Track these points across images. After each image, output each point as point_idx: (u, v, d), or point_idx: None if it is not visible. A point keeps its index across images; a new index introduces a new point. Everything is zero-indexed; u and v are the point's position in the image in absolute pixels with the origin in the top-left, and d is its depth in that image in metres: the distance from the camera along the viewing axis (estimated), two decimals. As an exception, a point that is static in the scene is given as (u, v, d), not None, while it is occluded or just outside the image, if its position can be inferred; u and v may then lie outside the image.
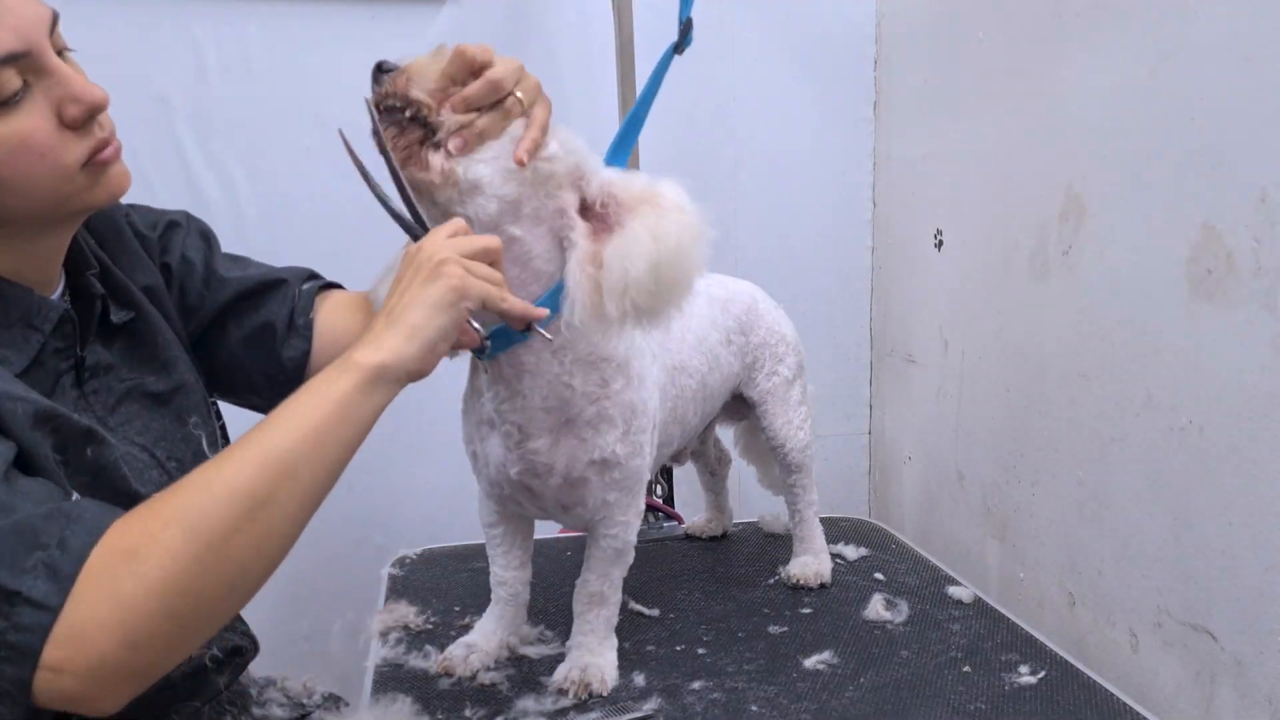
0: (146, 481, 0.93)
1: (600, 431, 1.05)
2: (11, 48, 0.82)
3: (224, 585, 0.77)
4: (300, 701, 1.18)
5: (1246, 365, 1.07)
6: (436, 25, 1.73)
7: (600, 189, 0.98)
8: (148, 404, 1.00)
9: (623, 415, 1.05)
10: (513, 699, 1.08)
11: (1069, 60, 1.34)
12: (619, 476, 1.07)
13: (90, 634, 0.71)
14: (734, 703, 1.07)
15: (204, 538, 0.75)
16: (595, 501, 1.08)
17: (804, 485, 1.39)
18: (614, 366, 1.04)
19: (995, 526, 1.58)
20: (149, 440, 0.98)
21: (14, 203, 0.85)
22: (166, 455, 1.00)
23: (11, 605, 0.70)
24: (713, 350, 1.25)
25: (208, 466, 0.79)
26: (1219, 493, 1.12)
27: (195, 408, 1.05)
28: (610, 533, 1.11)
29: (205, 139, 1.68)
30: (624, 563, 1.14)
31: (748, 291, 1.36)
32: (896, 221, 1.89)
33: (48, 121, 0.85)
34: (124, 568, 0.73)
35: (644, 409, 1.07)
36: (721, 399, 1.33)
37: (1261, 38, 1.03)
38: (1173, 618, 1.20)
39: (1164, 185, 1.17)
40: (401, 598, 1.35)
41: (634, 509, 1.12)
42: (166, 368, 1.03)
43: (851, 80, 1.92)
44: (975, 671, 1.13)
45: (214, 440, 1.06)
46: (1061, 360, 1.38)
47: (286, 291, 1.15)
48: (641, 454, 1.08)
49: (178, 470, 0.99)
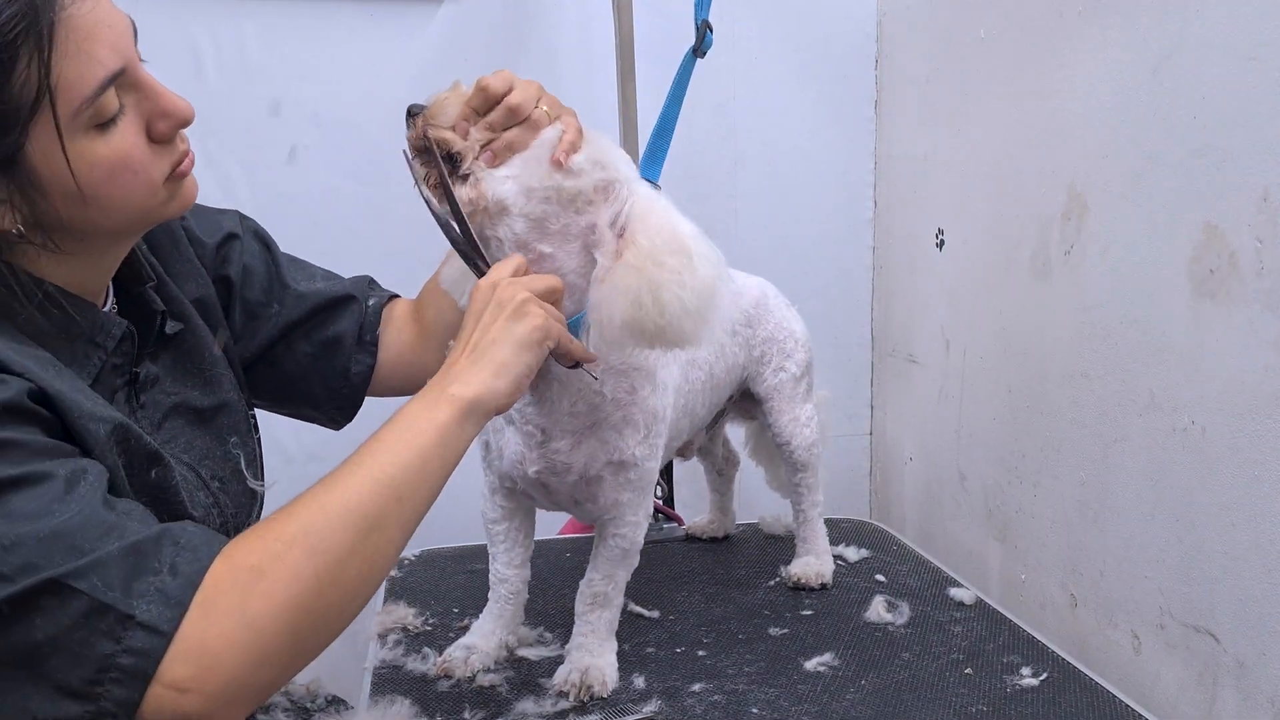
0: (196, 504, 0.93)
1: (623, 435, 1.06)
2: (114, 66, 0.79)
3: (340, 604, 0.79)
4: (304, 705, 1.17)
5: (1249, 365, 1.06)
6: (436, 24, 1.73)
7: (622, 214, 0.97)
8: (191, 420, 0.99)
9: (645, 420, 1.07)
10: (512, 701, 1.08)
11: (1071, 59, 1.33)
12: (634, 477, 1.08)
13: (219, 652, 0.72)
14: (734, 705, 1.07)
15: (325, 557, 0.77)
16: (607, 500, 1.09)
17: (809, 485, 1.39)
18: (643, 374, 1.06)
19: (997, 528, 1.58)
20: (194, 458, 0.98)
21: (103, 220, 0.83)
22: (210, 475, 0.99)
23: (125, 629, 0.70)
24: (718, 340, 1.25)
25: (319, 489, 0.81)
26: (1221, 493, 1.11)
27: (236, 427, 1.04)
28: (620, 532, 1.11)
29: (203, 138, 1.66)
30: (629, 564, 1.14)
31: (758, 286, 1.36)
32: (898, 221, 1.88)
33: (140, 138, 0.83)
34: (251, 586, 0.73)
35: (663, 414, 1.09)
36: (727, 390, 1.33)
37: (1264, 37, 1.03)
38: (1175, 619, 1.19)
39: (1166, 185, 1.17)
40: (400, 599, 1.35)
41: (644, 509, 1.13)
42: (211, 384, 1.02)
43: (852, 79, 1.91)
44: (977, 673, 1.13)
45: (252, 460, 1.06)
46: (1063, 360, 1.37)
47: (356, 306, 1.16)
48: (656, 456, 1.10)
49: (220, 490, 0.99)
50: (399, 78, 1.72)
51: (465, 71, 1.81)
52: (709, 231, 1.88)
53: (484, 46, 1.74)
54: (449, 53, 1.73)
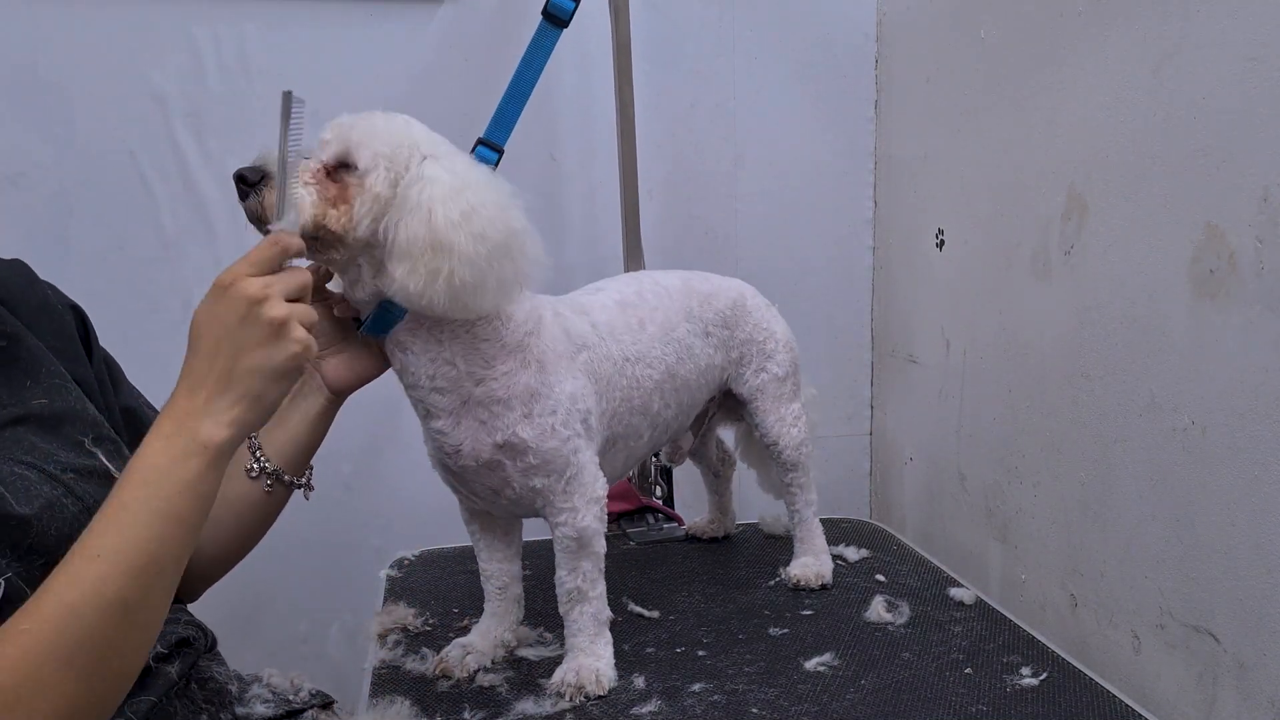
0: (34, 498, 0.88)
1: (495, 414, 1.05)
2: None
3: (114, 689, 0.76)
4: (287, 698, 1.16)
5: (1249, 365, 1.06)
6: (436, 24, 1.73)
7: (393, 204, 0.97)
8: (33, 427, 0.94)
9: (519, 398, 1.05)
10: (512, 701, 1.08)
11: (1071, 59, 1.33)
12: (535, 461, 1.06)
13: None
14: (734, 705, 1.06)
15: (83, 661, 0.72)
16: (521, 488, 1.08)
17: (801, 484, 1.39)
18: (499, 347, 1.04)
19: (997, 527, 1.58)
20: (37, 458, 0.92)
21: None
22: (61, 469, 0.94)
23: None
24: (683, 341, 1.25)
25: (61, 580, 0.74)
26: (1222, 493, 1.11)
27: (90, 429, 1.00)
28: (558, 520, 1.10)
29: (203, 138, 1.67)
30: (590, 554, 1.11)
31: (735, 288, 1.36)
32: (898, 221, 1.88)
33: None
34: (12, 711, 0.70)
35: (548, 393, 1.06)
36: (703, 391, 1.32)
37: (1264, 37, 1.03)
38: (1175, 619, 1.19)
39: (1166, 184, 1.17)
40: (400, 600, 1.35)
41: (579, 495, 1.09)
42: (52, 394, 0.97)
43: (852, 79, 1.91)
44: (977, 673, 1.13)
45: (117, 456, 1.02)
46: (1063, 360, 1.37)
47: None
48: (555, 437, 1.06)
49: (75, 481, 0.94)
50: (399, 78, 1.72)
51: (465, 71, 1.83)
52: (708, 232, 1.90)
53: (484, 46, 1.74)
54: (449, 53, 1.74)
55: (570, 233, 1.83)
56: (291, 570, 1.74)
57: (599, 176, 1.80)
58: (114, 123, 1.64)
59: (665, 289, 1.27)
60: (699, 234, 1.88)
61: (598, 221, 1.82)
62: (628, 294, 1.23)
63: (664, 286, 1.27)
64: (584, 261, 1.83)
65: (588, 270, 1.82)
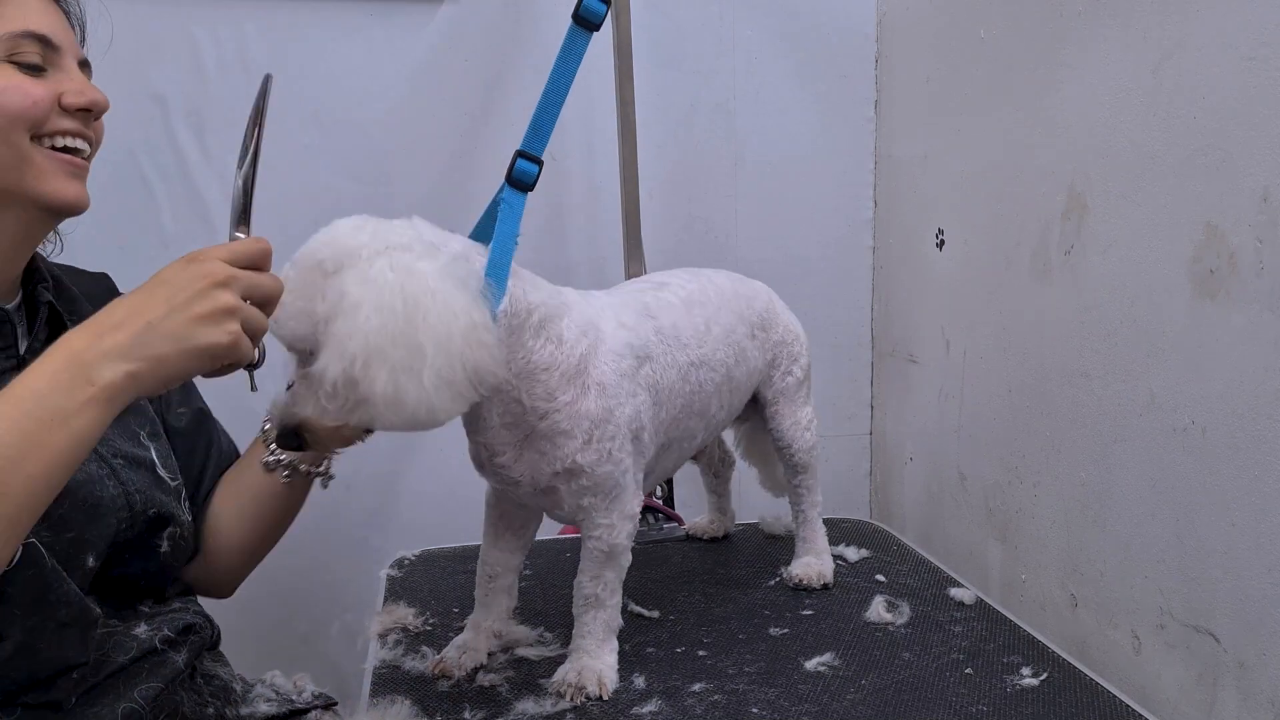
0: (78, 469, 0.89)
1: (557, 444, 1.03)
2: (37, 28, 0.95)
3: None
4: (289, 699, 1.17)
5: (1249, 365, 1.06)
6: (435, 24, 1.73)
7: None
8: None
9: (580, 426, 1.03)
10: (512, 701, 1.08)
11: (1071, 59, 1.33)
12: (587, 484, 1.06)
13: None
14: (735, 705, 1.06)
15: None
16: (570, 506, 1.08)
17: (809, 486, 1.39)
18: (559, 376, 1.02)
19: (997, 528, 1.58)
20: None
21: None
22: (113, 453, 0.98)
23: None
24: (740, 344, 1.24)
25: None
26: (1222, 493, 1.11)
27: (147, 423, 1.05)
28: (594, 534, 1.10)
29: (203, 137, 1.67)
30: (616, 565, 1.12)
31: (764, 290, 1.36)
32: (898, 221, 1.88)
33: (44, 90, 0.95)
34: None
35: (608, 417, 1.04)
36: (747, 394, 1.31)
37: (1264, 36, 1.03)
38: (1175, 619, 1.19)
39: (1166, 184, 1.17)
40: (400, 599, 1.35)
41: (617, 512, 1.09)
42: None
43: (852, 79, 1.91)
44: (977, 673, 1.13)
45: (166, 458, 1.07)
46: (1063, 360, 1.37)
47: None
48: (612, 460, 1.06)
49: (122, 467, 0.99)
50: (399, 78, 1.72)
51: (465, 72, 1.82)
52: (709, 232, 1.89)
53: (484, 46, 1.74)
54: (449, 53, 1.74)
55: (571, 233, 1.83)
56: (291, 569, 1.74)
57: (599, 176, 1.80)
58: (114, 122, 1.63)
59: (719, 288, 1.25)
60: (699, 234, 1.88)
61: (598, 221, 1.82)
62: (692, 290, 1.21)
63: (717, 285, 1.26)
64: (584, 261, 1.83)
65: (588, 270, 1.82)
